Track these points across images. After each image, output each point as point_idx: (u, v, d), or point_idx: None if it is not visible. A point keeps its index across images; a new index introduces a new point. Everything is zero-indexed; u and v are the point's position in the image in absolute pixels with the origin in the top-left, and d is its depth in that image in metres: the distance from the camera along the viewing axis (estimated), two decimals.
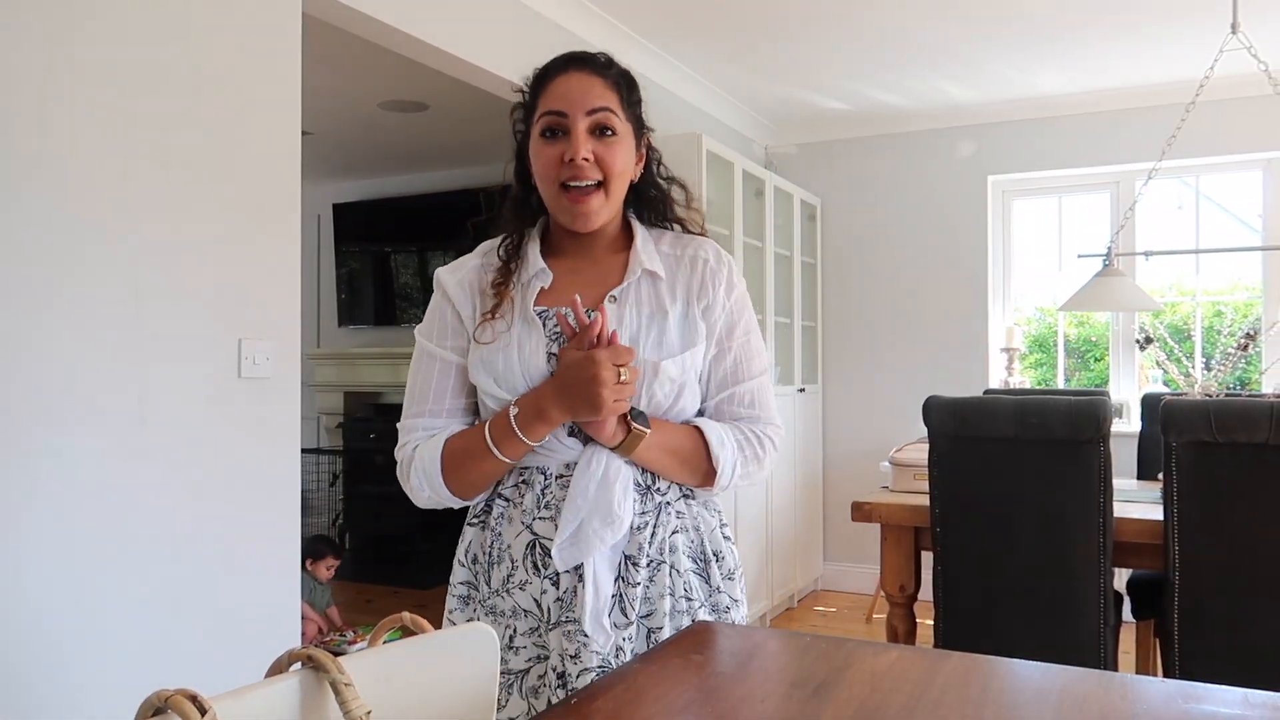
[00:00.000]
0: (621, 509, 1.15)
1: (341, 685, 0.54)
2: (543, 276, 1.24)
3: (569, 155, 1.18)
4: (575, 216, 1.20)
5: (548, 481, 1.19)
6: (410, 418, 1.28)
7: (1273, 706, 0.68)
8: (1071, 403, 2.24)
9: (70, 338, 1.76)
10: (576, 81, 1.21)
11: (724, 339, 1.26)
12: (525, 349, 1.19)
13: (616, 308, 1.22)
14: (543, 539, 1.17)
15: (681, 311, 1.24)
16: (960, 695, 0.72)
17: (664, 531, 1.20)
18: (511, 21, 3.03)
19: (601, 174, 1.20)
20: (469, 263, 1.31)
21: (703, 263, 1.27)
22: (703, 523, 1.26)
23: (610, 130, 1.21)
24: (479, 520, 1.26)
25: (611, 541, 1.15)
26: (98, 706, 1.77)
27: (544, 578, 1.16)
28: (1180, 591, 2.17)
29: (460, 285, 1.28)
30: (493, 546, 1.22)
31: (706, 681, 0.76)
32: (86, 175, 1.79)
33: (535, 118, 1.23)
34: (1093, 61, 3.85)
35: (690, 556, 1.22)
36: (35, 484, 1.71)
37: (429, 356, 1.27)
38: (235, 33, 2.08)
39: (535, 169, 1.23)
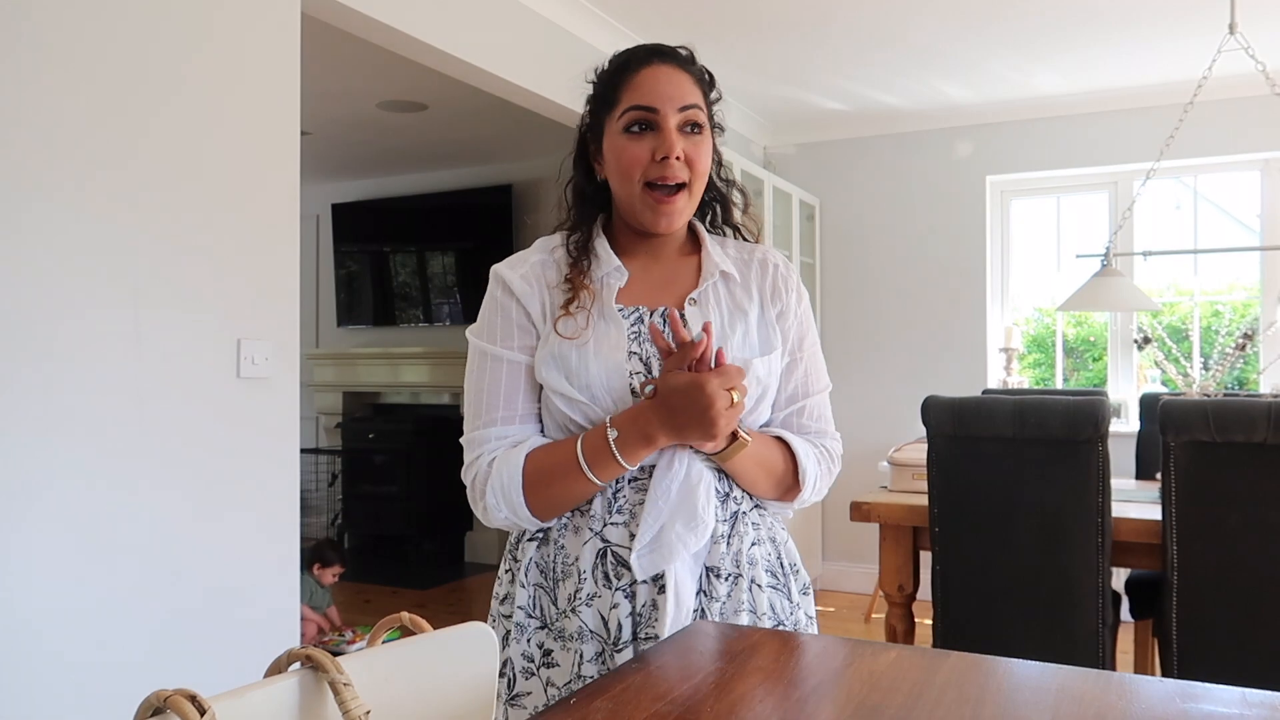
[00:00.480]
0: (706, 513, 1.08)
1: (340, 685, 0.54)
2: (619, 275, 1.18)
3: (661, 153, 1.12)
4: (659, 217, 1.15)
5: (619, 484, 1.11)
6: (480, 428, 1.16)
7: (1271, 706, 0.68)
8: (1070, 402, 2.24)
9: (69, 337, 1.76)
10: (665, 76, 1.15)
11: (795, 349, 1.22)
12: (604, 346, 1.12)
13: (698, 310, 1.17)
14: (616, 547, 1.09)
15: (758, 314, 1.20)
16: (959, 695, 0.72)
17: (743, 543, 1.14)
18: (511, 22, 3.03)
19: (689, 174, 1.15)
20: (530, 258, 1.21)
21: (774, 267, 1.24)
22: (778, 534, 1.21)
23: (698, 127, 1.16)
24: (539, 535, 1.16)
25: (695, 548, 1.08)
26: (97, 706, 1.77)
27: (616, 590, 1.07)
28: (1178, 591, 2.17)
29: (526, 281, 1.18)
30: (557, 561, 1.13)
31: (705, 681, 0.76)
32: (85, 175, 1.79)
33: (617, 112, 1.15)
34: (1091, 62, 3.85)
35: (769, 571, 1.16)
36: (34, 483, 1.70)
37: (493, 359, 1.16)
38: (234, 33, 2.08)
39: (615, 166, 1.16)
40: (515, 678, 1.14)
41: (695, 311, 1.17)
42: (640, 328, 1.15)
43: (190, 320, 1.98)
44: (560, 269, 1.18)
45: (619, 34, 3.40)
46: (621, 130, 1.15)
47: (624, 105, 1.14)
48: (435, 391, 5.70)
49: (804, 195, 4.69)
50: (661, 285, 1.20)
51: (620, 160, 1.15)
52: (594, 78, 1.22)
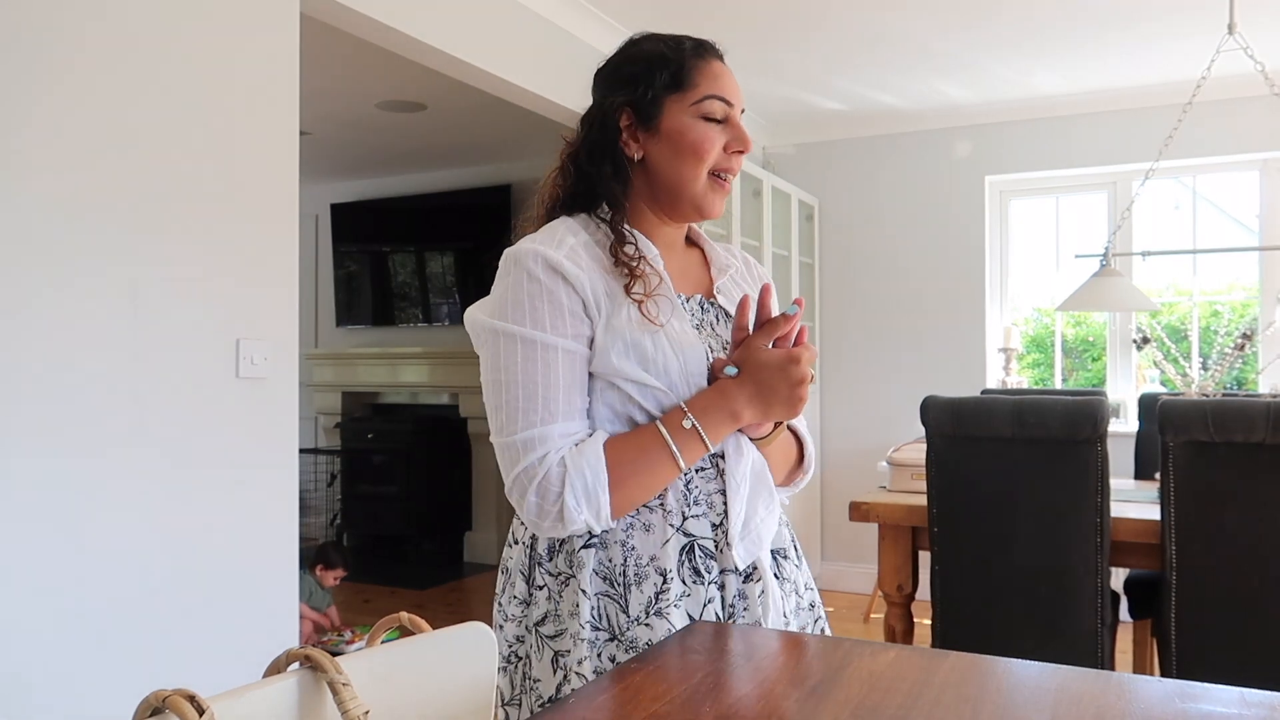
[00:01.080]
0: (777, 494, 1.11)
1: (339, 685, 0.54)
2: (659, 262, 1.16)
3: (738, 147, 1.15)
4: (715, 203, 1.16)
5: (689, 476, 1.06)
6: (538, 425, 1.02)
7: (1270, 706, 0.68)
8: (1069, 402, 2.25)
9: (68, 337, 1.76)
10: (729, 75, 1.18)
11: None
12: (674, 330, 1.09)
13: (729, 303, 1.21)
14: (701, 540, 1.05)
15: None
16: (958, 694, 0.72)
17: (783, 525, 1.17)
18: (509, 21, 3.03)
19: None
20: (566, 239, 1.10)
21: (754, 264, 1.31)
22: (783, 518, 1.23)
23: None
24: (595, 539, 1.05)
25: (774, 529, 1.10)
26: (96, 706, 1.77)
27: (709, 583, 1.03)
28: (1177, 591, 2.17)
29: (575, 262, 1.07)
30: (626, 564, 1.03)
31: (704, 681, 0.76)
32: (84, 175, 1.79)
33: (692, 95, 1.14)
34: (1090, 62, 3.86)
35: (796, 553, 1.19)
36: (33, 483, 1.70)
37: (546, 349, 1.03)
38: (233, 33, 2.08)
39: (682, 147, 1.13)
40: None
41: (727, 305, 1.20)
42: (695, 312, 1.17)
43: (189, 320, 1.98)
44: (604, 251, 1.11)
45: (618, 34, 3.39)
46: (699, 115, 1.13)
47: (703, 91, 1.14)
48: (434, 391, 5.70)
49: (803, 195, 4.69)
50: (682, 274, 1.21)
51: (695, 144, 1.13)
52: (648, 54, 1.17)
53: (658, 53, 1.17)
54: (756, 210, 4.17)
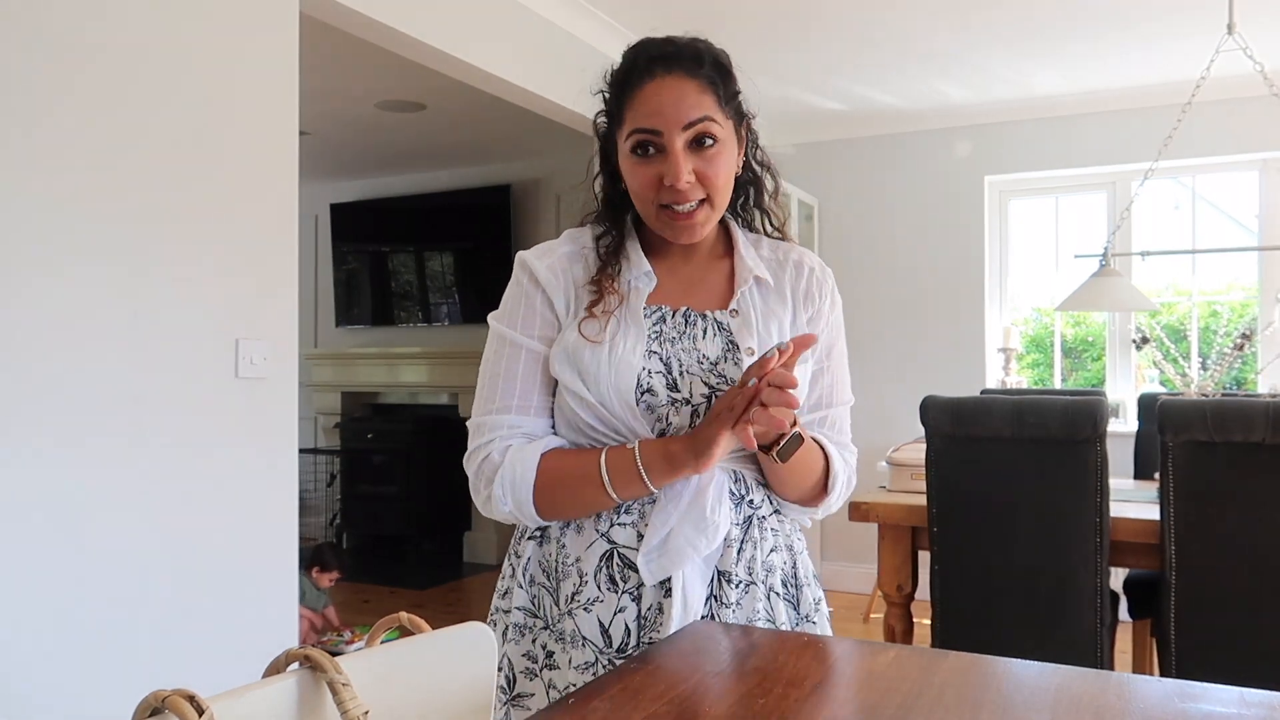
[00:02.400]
0: (716, 514, 1.05)
1: (339, 685, 0.54)
2: (648, 280, 1.14)
3: (668, 180, 1.06)
4: (679, 233, 1.11)
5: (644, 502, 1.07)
6: (492, 413, 1.11)
7: (1269, 705, 0.68)
8: (1068, 402, 2.25)
9: (68, 337, 1.76)
10: (668, 91, 1.07)
11: (824, 357, 1.18)
12: (620, 349, 1.07)
13: (740, 320, 1.13)
14: (623, 549, 1.06)
15: (790, 319, 1.16)
16: (957, 694, 0.72)
17: (760, 549, 1.10)
18: (509, 21, 3.03)
19: (705, 191, 1.09)
20: (558, 249, 1.17)
21: (809, 270, 1.19)
22: (796, 543, 1.17)
23: (711, 140, 1.08)
24: (539, 533, 1.13)
25: (705, 551, 1.04)
26: (96, 706, 1.77)
27: (622, 593, 1.05)
28: (1177, 591, 2.17)
29: (553, 272, 1.13)
30: (558, 560, 1.09)
31: (704, 681, 0.76)
32: (83, 175, 1.79)
33: (623, 132, 1.10)
34: (1090, 62, 3.86)
35: (784, 581, 1.13)
36: (33, 483, 1.70)
37: (514, 346, 1.11)
38: (233, 33, 2.08)
39: (629, 186, 1.12)
40: (516, 678, 1.12)
41: (739, 322, 1.13)
42: (662, 327, 1.11)
43: (188, 320, 1.98)
44: (589, 267, 1.14)
45: (618, 34, 3.39)
46: (629, 152, 1.09)
47: (628, 127, 1.09)
48: (434, 391, 5.70)
49: (803, 195, 4.69)
50: (691, 286, 1.16)
51: (631, 183, 1.11)
52: (604, 85, 1.16)
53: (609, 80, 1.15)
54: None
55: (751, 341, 1.11)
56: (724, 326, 1.12)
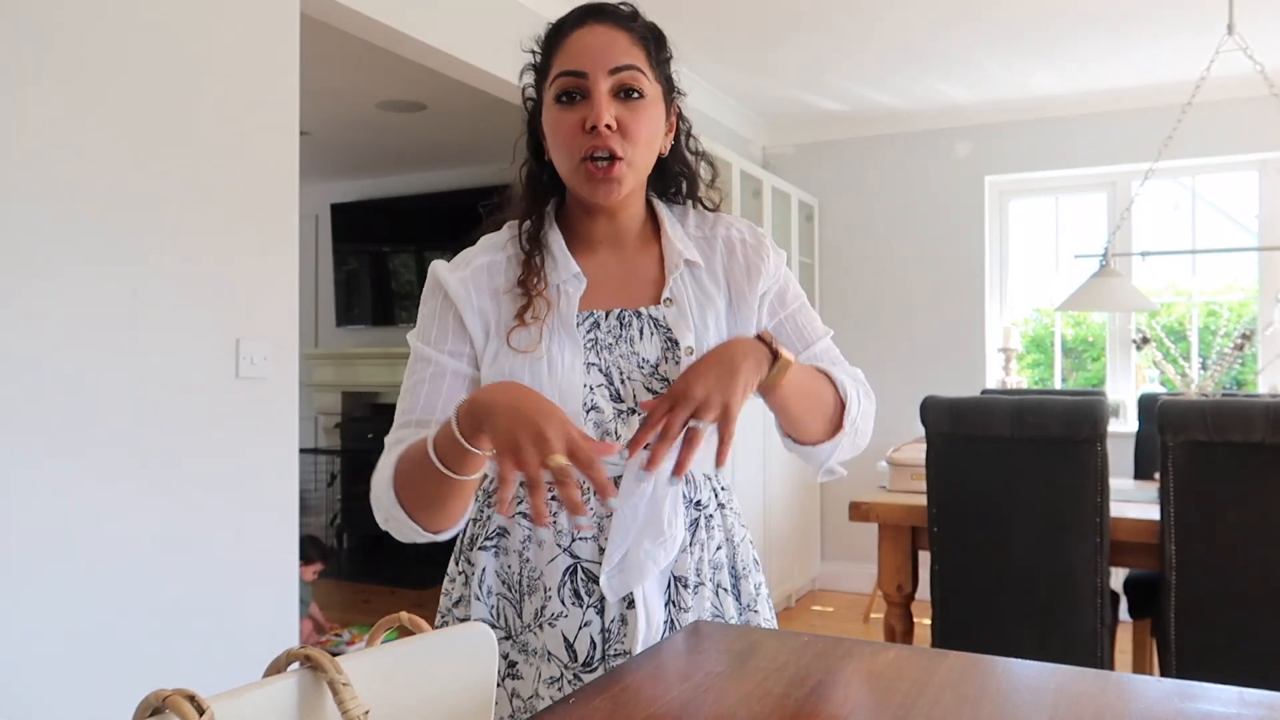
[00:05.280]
0: (673, 527, 1.02)
1: (339, 685, 0.54)
2: (577, 282, 1.08)
3: (590, 122, 1.01)
4: (596, 188, 1.03)
5: (586, 497, 1.02)
6: (395, 429, 1.07)
7: (1269, 705, 0.68)
8: (1068, 402, 2.25)
9: (68, 337, 1.76)
10: (596, 36, 1.04)
11: (777, 308, 1.13)
12: (560, 364, 1.03)
13: (676, 310, 1.08)
14: (586, 563, 1.03)
15: (726, 305, 1.10)
16: (957, 694, 0.72)
17: (706, 549, 1.08)
18: (510, 22, 3.03)
19: (625, 144, 1.02)
20: (474, 260, 1.12)
21: (740, 244, 1.13)
22: (735, 533, 1.13)
23: (637, 92, 1.04)
24: (492, 544, 1.08)
25: (664, 563, 1.02)
26: (96, 706, 1.77)
27: (587, 607, 1.02)
28: (1177, 591, 2.17)
29: (464, 285, 1.09)
30: (522, 574, 1.06)
31: (704, 681, 0.76)
32: (84, 175, 1.79)
33: (549, 80, 1.06)
34: (1090, 62, 3.86)
35: (729, 574, 1.10)
36: (33, 483, 1.70)
37: (423, 360, 1.08)
38: (234, 33, 2.08)
39: (551, 139, 1.07)
40: None
41: (674, 313, 1.08)
42: (596, 334, 1.06)
43: (189, 320, 1.98)
44: (511, 271, 1.09)
45: None
46: (553, 100, 1.05)
47: (554, 71, 1.05)
48: None
49: (803, 196, 4.69)
50: (623, 282, 1.10)
51: (553, 132, 1.05)
52: (534, 45, 1.13)
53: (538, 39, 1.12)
54: (756, 210, 4.17)
55: (689, 338, 1.06)
56: (660, 323, 1.07)
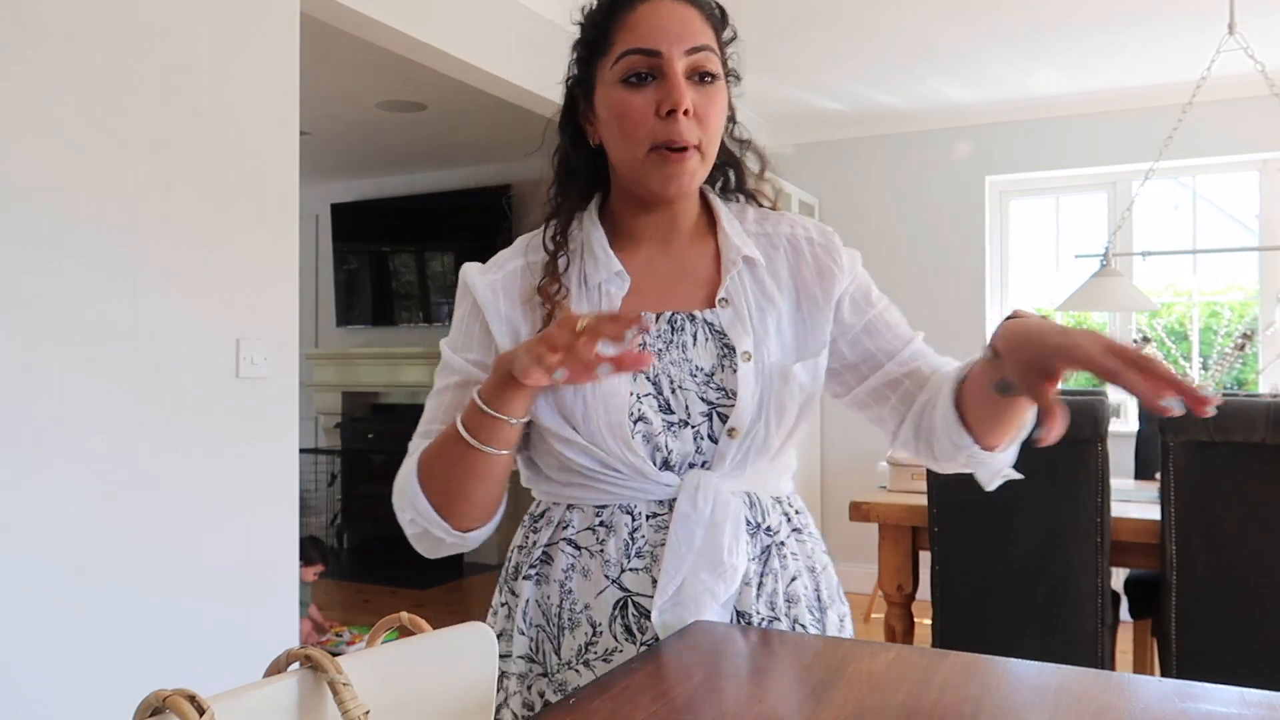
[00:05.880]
0: (733, 556, 0.93)
1: (340, 685, 0.54)
2: (618, 281, 0.98)
3: (668, 106, 0.91)
4: (669, 179, 0.93)
5: (637, 523, 0.94)
6: (416, 436, 1.03)
7: (1269, 705, 0.68)
8: (1069, 402, 2.24)
9: (69, 337, 1.76)
10: (670, 12, 0.93)
11: (864, 307, 1.02)
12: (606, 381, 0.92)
13: (732, 311, 0.98)
14: (637, 596, 0.93)
15: (793, 305, 1.00)
16: (958, 694, 0.72)
17: (780, 580, 0.97)
18: (510, 22, 3.03)
19: (700, 133, 0.93)
20: (507, 264, 1.03)
21: (808, 244, 1.02)
22: (817, 561, 1.03)
23: (710, 75, 0.94)
24: (535, 572, 0.99)
25: (724, 598, 0.93)
26: (96, 706, 1.77)
27: (641, 644, 0.92)
28: (1177, 591, 2.17)
29: (493, 290, 1.01)
30: (563, 605, 0.96)
31: (705, 682, 0.76)
32: (84, 175, 1.79)
33: (610, 59, 0.94)
34: (1090, 62, 3.86)
35: (809, 608, 0.99)
36: (34, 483, 1.70)
37: (448, 368, 1.02)
38: (234, 33, 2.08)
39: (613, 126, 0.95)
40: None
41: (730, 315, 0.98)
42: (644, 338, 0.96)
43: (189, 320, 1.98)
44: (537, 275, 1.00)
45: None
46: (618, 81, 0.94)
47: (619, 49, 0.93)
48: None
49: (803, 195, 4.69)
50: (673, 282, 1.01)
51: (618, 118, 0.94)
52: (581, 18, 1.01)
53: (590, 10, 1.00)
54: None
55: (746, 343, 0.97)
56: (714, 327, 0.98)
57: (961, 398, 0.94)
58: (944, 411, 0.94)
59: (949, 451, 0.97)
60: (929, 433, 0.98)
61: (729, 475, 0.95)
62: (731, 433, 0.95)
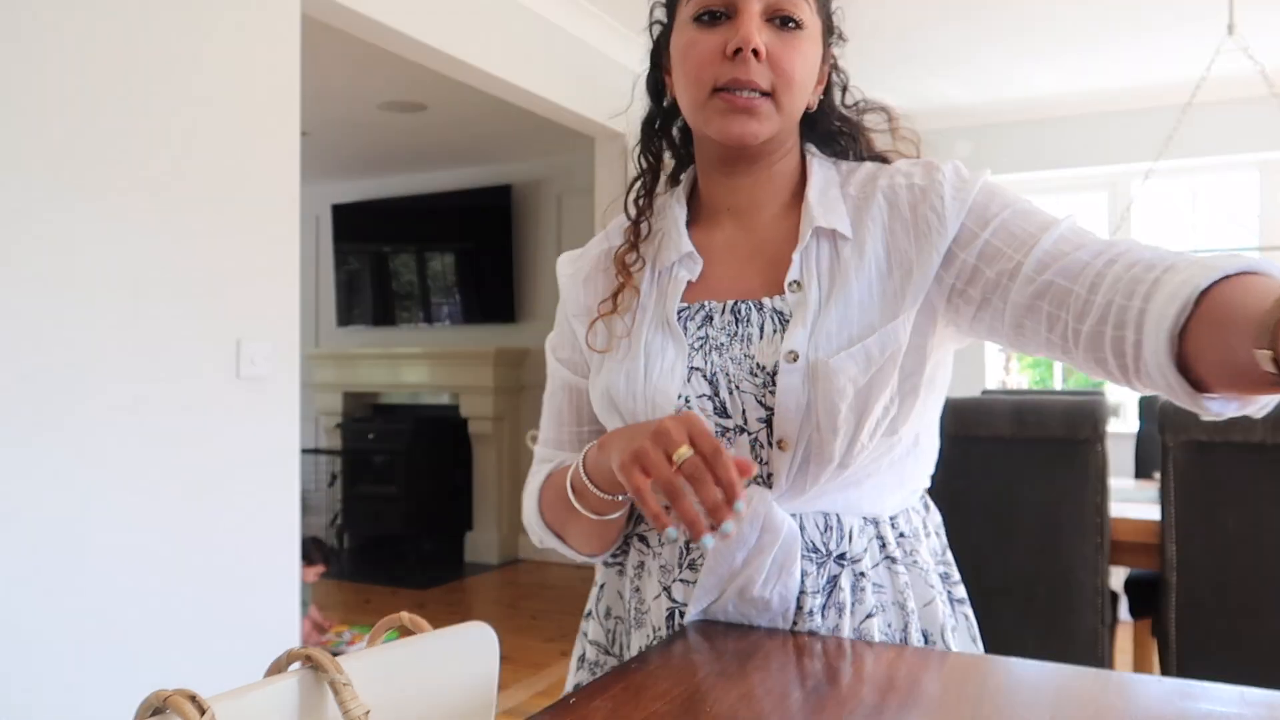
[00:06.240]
0: (770, 587, 0.85)
1: (340, 685, 0.54)
2: (689, 263, 0.91)
3: (734, 45, 0.82)
4: (731, 123, 0.84)
5: None
6: (538, 446, 0.99)
7: (1269, 705, 0.68)
8: (1069, 402, 2.25)
9: (69, 337, 1.76)
10: None
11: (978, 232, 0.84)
12: (659, 365, 0.86)
13: (801, 296, 0.86)
14: (682, 607, 0.89)
15: (881, 274, 0.85)
16: (958, 694, 0.72)
17: (853, 615, 0.87)
18: (510, 22, 3.03)
19: (774, 79, 0.84)
20: (591, 249, 0.97)
21: (906, 192, 0.88)
22: (913, 595, 0.90)
23: (794, 21, 0.85)
24: (615, 563, 0.96)
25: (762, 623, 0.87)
26: (97, 706, 1.77)
27: None
28: (1177, 591, 2.17)
29: (572, 283, 0.96)
30: (631, 603, 0.93)
31: (705, 681, 0.76)
32: (85, 175, 1.79)
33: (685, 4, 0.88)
34: (1090, 62, 3.86)
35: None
36: (34, 483, 1.71)
37: (551, 374, 0.98)
38: (235, 34, 2.08)
39: (679, 67, 0.88)
40: None
41: (798, 299, 0.86)
42: (708, 330, 0.87)
43: (190, 320, 1.98)
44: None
45: (620, 34, 3.40)
46: (690, 19, 0.86)
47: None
48: (435, 392, 5.70)
49: None
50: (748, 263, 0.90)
51: (684, 57, 0.86)
52: None
53: None
54: None
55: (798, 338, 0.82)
56: (784, 316, 0.86)
57: (1190, 335, 0.69)
58: (1153, 351, 0.70)
59: (1153, 383, 0.74)
60: (1118, 355, 0.74)
61: (790, 494, 0.85)
62: (781, 445, 0.84)
